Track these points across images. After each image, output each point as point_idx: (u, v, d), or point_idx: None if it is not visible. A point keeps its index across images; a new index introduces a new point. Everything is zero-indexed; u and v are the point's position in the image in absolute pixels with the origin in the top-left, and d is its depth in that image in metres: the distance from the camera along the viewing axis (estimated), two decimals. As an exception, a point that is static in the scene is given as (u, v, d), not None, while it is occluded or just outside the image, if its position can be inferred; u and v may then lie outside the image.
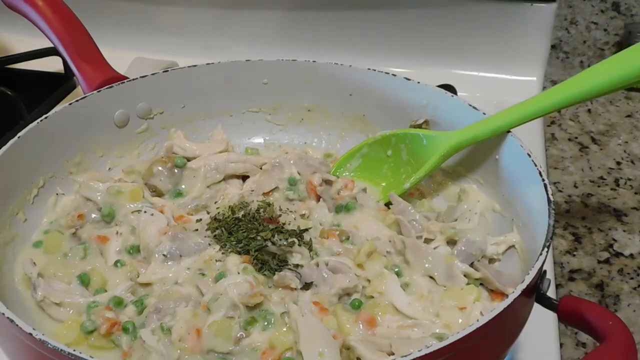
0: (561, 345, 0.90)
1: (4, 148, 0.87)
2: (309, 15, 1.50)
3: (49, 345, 0.62)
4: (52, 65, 1.42)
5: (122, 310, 0.80)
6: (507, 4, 1.38)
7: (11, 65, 1.45)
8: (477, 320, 0.63)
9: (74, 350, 0.61)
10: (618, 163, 1.26)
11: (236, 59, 1.07)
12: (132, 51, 1.48)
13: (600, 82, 0.81)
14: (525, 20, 1.39)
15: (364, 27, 1.48)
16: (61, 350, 0.61)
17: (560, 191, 1.18)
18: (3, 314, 0.66)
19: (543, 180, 0.79)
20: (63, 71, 1.41)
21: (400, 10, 1.44)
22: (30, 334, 0.63)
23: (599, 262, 1.04)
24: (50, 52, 1.36)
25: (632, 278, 1.01)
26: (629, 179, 1.21)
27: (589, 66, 1.14)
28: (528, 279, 0.67)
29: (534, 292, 0.72)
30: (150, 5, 1.56)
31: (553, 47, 1.57)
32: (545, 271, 0.72)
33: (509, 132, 0.88)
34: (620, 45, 1.54)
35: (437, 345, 0.60)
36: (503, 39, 1.42)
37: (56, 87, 1.41)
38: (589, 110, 1.43)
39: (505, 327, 0.69)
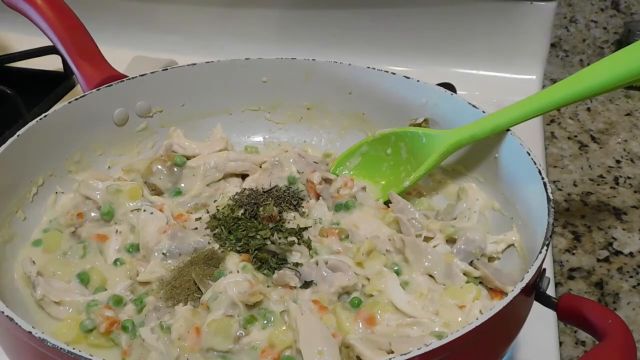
0: (560, 343, 0.90)
1: (4, 147, 0.87)
2: (308, 14, 1.50)
3: (49, 344, 0.62)
4: (51, 63, 1.42)
5: (122, 308, 0.80)
6: (507, 3, 1.38)
7: (10, 64, 1.45)
8: (477, 319, 0.63)
9: (74, 349, 0.61)
10: (617, 161, 1.25)
11: (235, 58, 1.07)
12: (131, 50, 1.48)
13: (600, 81, 0.81)
14: (525, 19, 1.39)
15: (364, 26, 1.48)
16: (60, 348, 0.61)
17: (560, 190, 1.18)
18: (2, 312, 0.66)
19: (542, 178, 0.79)
20: (62, 70, 1.41)
21: (399, 9, 1.44)
22: (30, 333, 0.63)
23: (599, 260, 1.04)
24: (50, 50, 1.36)
25: (631, 276, 1.01)
26: (629, 178, 1.21)
27: (588, 64, 1.14)
28: (527, 278, 0.67)
29: (534, 291, 0.72)
30: (150, 4, 1.56)
31: (553, 45, 1.57)
32: (544, 269, 0.72)
33: (508, 130, 0.88)
34: (620, 44, 1.54)
35: (436, 343, 0.60)
36: (503, 37, 1.42)
37: (55, 85, 1.40)
38: (589, 109, 1.43)
39: (504, 326, 0.69)
